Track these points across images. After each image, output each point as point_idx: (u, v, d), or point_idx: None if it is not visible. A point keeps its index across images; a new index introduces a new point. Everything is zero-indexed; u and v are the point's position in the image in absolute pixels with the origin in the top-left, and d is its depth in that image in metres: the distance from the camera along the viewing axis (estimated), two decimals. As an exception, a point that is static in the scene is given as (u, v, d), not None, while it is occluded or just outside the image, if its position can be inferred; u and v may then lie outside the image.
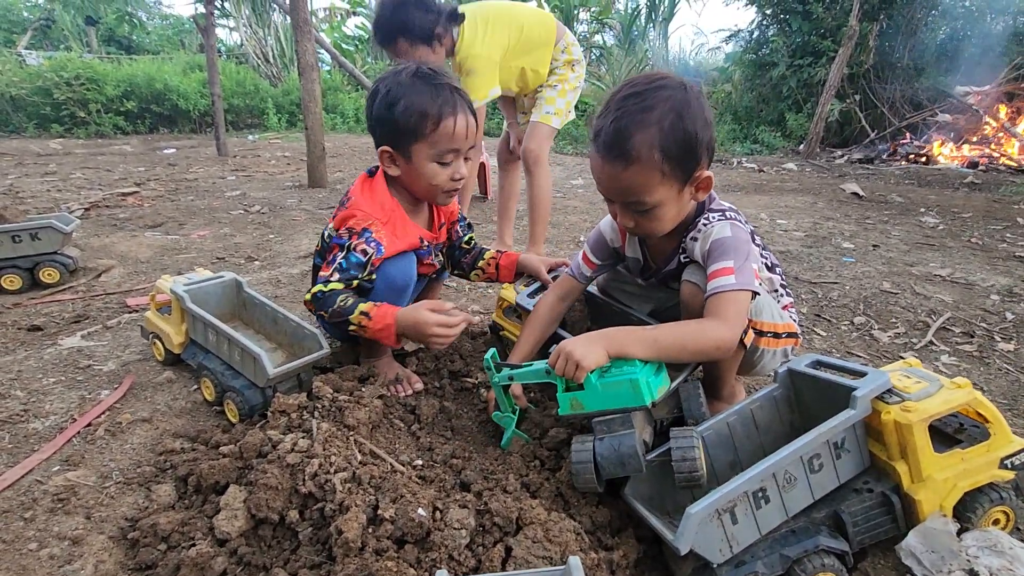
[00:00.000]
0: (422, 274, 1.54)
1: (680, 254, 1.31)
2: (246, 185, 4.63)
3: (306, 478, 1.04)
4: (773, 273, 1.37)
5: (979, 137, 6.88)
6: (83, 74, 7.47)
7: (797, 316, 1.41)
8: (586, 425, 1.22)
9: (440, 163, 1.39)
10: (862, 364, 1.27)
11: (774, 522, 0.97)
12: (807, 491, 1.00)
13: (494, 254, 1.68)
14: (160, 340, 1.66)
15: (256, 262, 2.70)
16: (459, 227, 1.71)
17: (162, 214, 3.55)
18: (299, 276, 2.50)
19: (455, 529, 0.95)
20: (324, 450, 1.10)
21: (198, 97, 8.24)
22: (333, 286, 1.34)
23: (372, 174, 1.50)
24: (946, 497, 1.01)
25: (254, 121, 9.21)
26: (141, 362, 1.70)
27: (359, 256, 1.35)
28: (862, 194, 4.85)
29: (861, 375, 1.07)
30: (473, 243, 1.74)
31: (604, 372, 1.08)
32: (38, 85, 7.29)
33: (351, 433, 1.20)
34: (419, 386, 1.49)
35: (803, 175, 6.12)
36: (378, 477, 1.07)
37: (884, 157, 7.12)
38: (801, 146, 7.62)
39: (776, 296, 1.35)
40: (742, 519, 0.93)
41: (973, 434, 1.10)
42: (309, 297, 1.36)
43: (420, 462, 1.20)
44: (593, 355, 1.06)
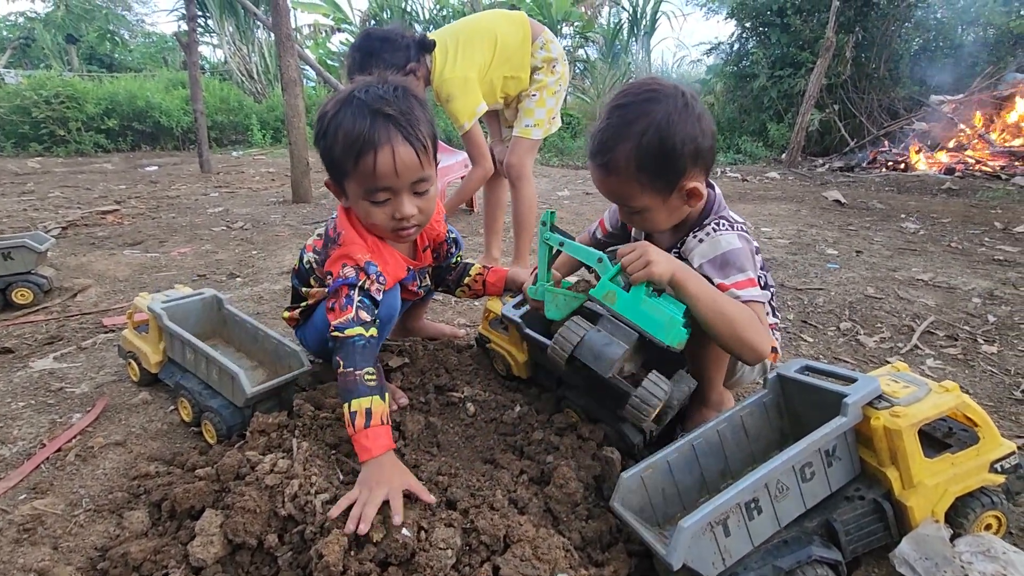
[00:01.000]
0: (405, 299, 1.48)
1: (677, 248, 1.30)
2: (229, 201, 4.58)
3: (286, 500, 1.01)
4: (766, 290, 1.37)
5: (955, 144, 7.03)
6: (63, 92, 7.39)
7: (780, 336, 1.44)
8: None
9: (372, 202, 1.22)
10: (849, 369, 1.26)
11: (766, 533, 0.96)
12: (799, 500, 0.98)
13: (480, 270, 1.64)
14: (136, 360, 1.62)
15: (238, 278, 2.66)
16: (447, 244, 1.60)
17: (142, 232, 3.49)
18: (281, 292, 2.46)
19: (440, 549, 0.92)
20: (305, 470, 1.07)
21: (181, 114, 8.19)
22: (358, 331, 1.16)
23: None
24: (937, 503, 1.00)
25: (238, 137, 9.17)
26: (116, 383, 1.65)
27: (376, 295, 1.24)
28: (844, 201, 4.92)
29: (851, 381, 1.06)
30: (459, 260, 1.67)
31: (654, 293, 1.11)
32: (16, 104, 7.20)
33: (333, 452, 1.17)
34: (404, 401, 1.45)
35: (786, 183, 6.20)
36: (360, 497, 1.03)
37: (864, 165, 7.25)
38: (783, 155, 7.74)
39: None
40: (735, 531, 0.91)
41: (962, 438, 1.10)
42: (331, 335, 1.19)
43: (404, 480, 1.16)
44: (662, 268, 1.08)
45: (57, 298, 2.34)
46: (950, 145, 7.01)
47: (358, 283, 1.21)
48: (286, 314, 1.49)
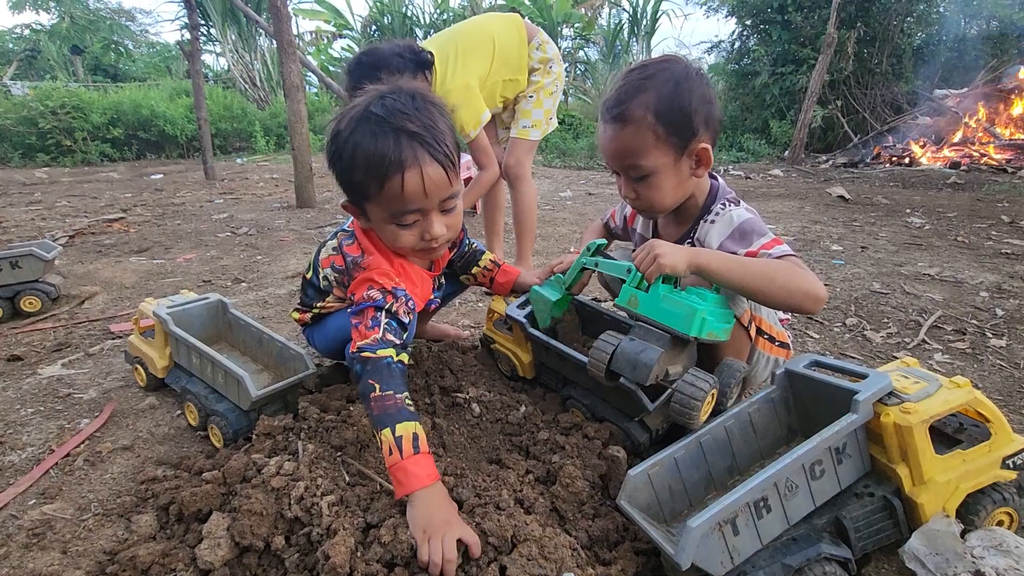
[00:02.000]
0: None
1: (690, 238, 1.30)
2: (234, 208, 4.60)
3: (292, 502, 1.01)
4: None
5: (960, 138, 6.99)
6: (68, 103, 7.47)
7: (790, 333, 1.42)
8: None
9: (399, 225, 1.16)
10: (857, 365, 1.25)
11: (775, 531, 0.95)
12: (808, 498, 0.97)
13: (489, 265, 1.63)
14: (142, 365, 1.63)
15: (243, 283, 2.67)
16: (463, 245, 1.60)
17: (148, 239, 3.51)
18: (286, 296, 2.46)
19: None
20: (310, 472, 1.07)
21: (185, 122, 8.24)
22: (389, 352, 1.08)
23: None
24: (948, 500, 0.98)
25: (242, 144, 9.23)
26: (123, 389, 1.66)
27: (404, 318, 1.17)
28: (848, 197, 4.90)
29: (861, 376, 1.05)
30: (469, 247, 1.64)
31: (675, 289, 1.11)
32: (23, 115, 7.29)
33: (339, 454, 1.17)
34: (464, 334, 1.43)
35: (789, 180, 6.17)
36: (366, 499, 1.03)
37: (868, 160, 7.21)
38: (786, 152, 7.72)
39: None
40: (743, 529, 0.91)
41: (973, 434, 1.08)
42: (357, 356, 1.09)
43: (411, 481, 1.16)
44: (674, 259, 1.07)
45: (65, 305, 2.35)
46: (955, 139, 6.97)
47: (385, 305, 1.15)
48: (296, 315, 1.48)
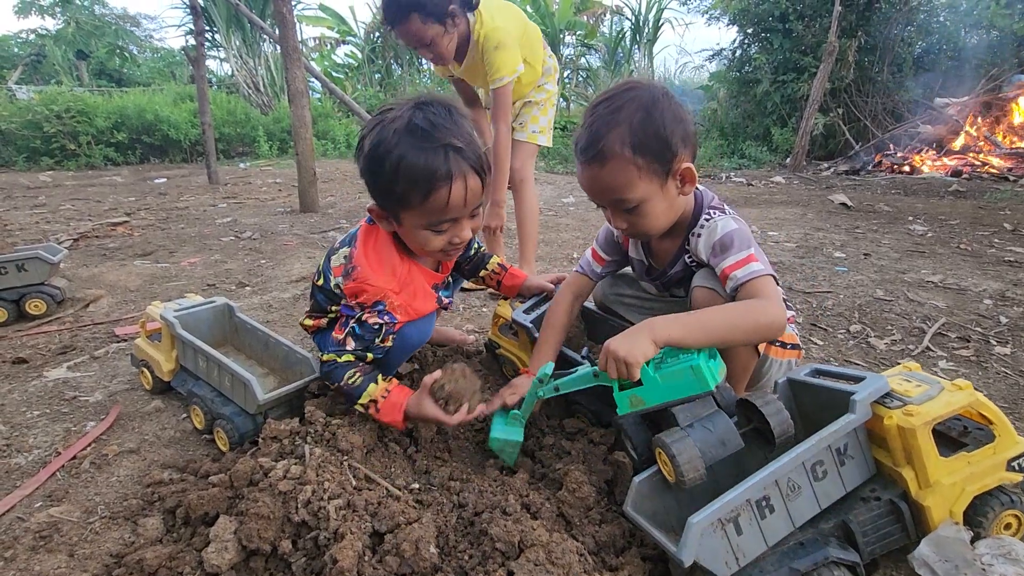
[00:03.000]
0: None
1: (685, 255, 1.30)
2: (237, 212, 4.62)
3: (299, 506, 1.01)
4: None
5: (961, 146, 7.00)
6: (73, 107, 7.50)
7: (796, 329, 1.41)
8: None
9: (434, 231, 1.23)
10: (859, 370, 1.26)
11: (781, 533, 0.95)
12: (812, 500, 0.98)
13: (496, 268, 1.65)
14: (148, 368, 1.63)
15: (247, 287, 2.68)
16: (469, 247, 1.61)
17: (152, 243, 3.52)
18: (291, 300, 2.47)
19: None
20: (317, 476, 1.07)
21: (189, 127, 8.27)
22: (347, 357, 1.26)
23: (373, 222, 1.35)
24: (955, 502, 0.99)
25: (245, 149, 9.25)
26: (129, 392, 1.66)
27: (372, 326, 1.26)
28: (850, 204, 4.90)
29: (859, 380, 1.06)
30: (476, 251, 1.66)
31: (659, 363, 1.03)
32: (28, 119, 7.31)
33: (345, 458, 1.17)
34: (469, 338, 1.45)
35: (791, 187, 6.19)
36: (374, 503, 1.04)
37: (870, 168, 7.23)
38: (788, 159, 7.73)
39: None
40: (747, 529, 0.91)
41: (978, 436, 1.09)
42: (324, 360, 1.29)
43: (417, 485, 1.16)
44: (640, 348, 1.01)
45: (70, 308, 2.36)
46: (956, 147, 6.98)
47: (357, 315, 1.27)
48: (309, 321, 1.48)
